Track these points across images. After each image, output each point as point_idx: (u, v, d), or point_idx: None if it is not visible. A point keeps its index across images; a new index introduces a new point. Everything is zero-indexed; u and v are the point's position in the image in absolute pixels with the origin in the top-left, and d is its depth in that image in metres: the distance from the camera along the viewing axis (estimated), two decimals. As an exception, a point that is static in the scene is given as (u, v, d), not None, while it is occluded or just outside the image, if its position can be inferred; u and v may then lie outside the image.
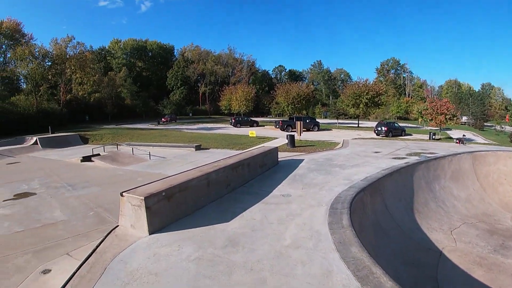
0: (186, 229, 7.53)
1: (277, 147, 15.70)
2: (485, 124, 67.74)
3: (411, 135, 37.92)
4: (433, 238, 11.08)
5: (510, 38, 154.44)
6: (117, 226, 7.74)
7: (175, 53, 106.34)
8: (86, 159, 19.40)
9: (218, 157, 14.37)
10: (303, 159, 16.39)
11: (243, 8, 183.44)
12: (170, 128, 44.00)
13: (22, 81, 55.81)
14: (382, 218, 10.47)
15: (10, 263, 6.36)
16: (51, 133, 32.65)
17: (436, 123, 35.88)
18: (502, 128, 60.20)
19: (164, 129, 43.42)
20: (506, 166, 18.34)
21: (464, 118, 74.33)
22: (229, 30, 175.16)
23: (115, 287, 5.18)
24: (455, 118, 35.87)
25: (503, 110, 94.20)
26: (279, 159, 15.70)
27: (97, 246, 6.66)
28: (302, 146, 23.34)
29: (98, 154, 20.59)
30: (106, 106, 62.59)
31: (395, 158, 16.92)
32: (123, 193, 7.60)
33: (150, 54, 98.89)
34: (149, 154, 20.36)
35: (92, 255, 6.27)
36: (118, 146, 24.78)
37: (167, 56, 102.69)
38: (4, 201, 11.09)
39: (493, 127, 64.62)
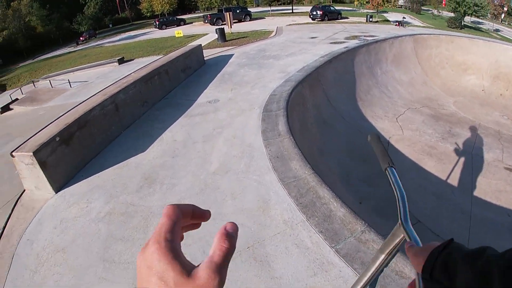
0: (96, 173, 5.95)
1: (200, 45, 13.38)
2: (422, 7, 67.42)
3: (347, 18, 36.76)
4: (379, 127, 10.39)
5: None
6: (24, 191, 5.90)
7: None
8: (5, 109, 16.42)
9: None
10: (233, 54, 14.38)
11: None
12: (90, 46, 39.00)
13: None
14: (325, 112, 9.33)
15: None
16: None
17: (373, 5, 35.44)
18: (439, 12, 60.61)
19: (84, 48, 38.20)
20: (448, 50, 17.85)
21: (401, 1, 73.67)
22: None
23: (24, 282, 3.92)
24: (392, 1, 35.16)
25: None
26: (207, 58, 13.57)
27: (4, 227, 5.14)
28: (234, 39, 21.39)
29: (17, 99, 17.64)
30: (18, 41, 52.69)
31: (333, 42, 15.53)
32: (13, 153, 5.64)
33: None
34: (69, 82, 17.65)
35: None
36: (35, 83, 21.07)
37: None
38: None
39: (430, 11, 64.97)
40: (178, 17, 51.66)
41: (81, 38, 51.05)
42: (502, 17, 75.74)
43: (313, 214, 4.06)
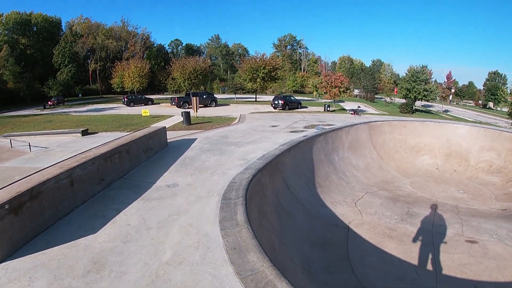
0: (42, 250, 5.53)
1: (165, 127, 13.76)
2: (375, 96, 73.27)
3: (307, 107, 39.41)
4: (339, 213, 10.63)
5: (397, 17, 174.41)
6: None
7: (63, 27, 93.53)
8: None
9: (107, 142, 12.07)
10: (196, 138, 14.77)
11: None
12: (57, 112, 38.69)
13: None
14: (285, 199, 9.49)
15: None
16: None
17: (330, 95, 38.27)
18: (392, 99, 65.99)
19: (50, 113, 37.91)
20: (400, 134, 19.25)
21: (356, 91, 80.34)
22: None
23: None
24: (348, 91, 38.06)
25: (392, 83, 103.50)
26: (171, 140, 13.83)
27: None
28: (199, 123, 22.01)
29: (-25, 155, 16.75)
30: (-13, 91, 52.24)
31: (293, 131, 16.37)
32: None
33: (35, 29, 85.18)
34: (29, 145, 17.04)
35: None
36: (-5, 141, 20.44)
37: (53, 30, 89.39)
38: None
39: (383, 99, 70.61)
40: (147, 96, 52.41)
41: (49, 103, 50.30)
42: (450, 98, 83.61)
43: (273, 309, 3.95)
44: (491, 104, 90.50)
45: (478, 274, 8.29)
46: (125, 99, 46.83)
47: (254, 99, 52.64)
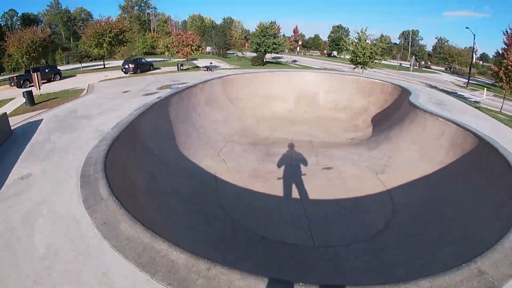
0: None
1: (5, 113, 11.85)
2: (228, 52, 75.01)
3: (160, 68, 38.42)
4: (204, 165, 11.08)
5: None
6: None
7: None
8: None
9: None
10: (42, 119, 13.29)
11: None
12: None
13: None
14: (148, 163, 9.41)
15: None
16: None
17: (183, 54, 38.03)
18: (243, 54, 68.65)
19: None
20: (253, 85, 20.88)
21: (209, 48, 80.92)
22: None
23: None
24: (200, 49, 38.08)
25: (243, 39, 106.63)
26: (14, 126, 12.15)
27: None
28: (44, 101, 19.49)
29: None
30: None
31: (146, 94, 15.97)
32: None
33: None
34: None
35: None
36: None
37: None
38: None
39: (235, 54, 72.82)
40: (-23, 82, 44.04)
41: None
42: (298, 50, 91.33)
43: (156, 270, 4.10)
44: (335, 53, 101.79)
45: (338, 193, 9.91)
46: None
47: (102, 66, 48.77)
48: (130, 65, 35.06)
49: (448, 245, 6.72)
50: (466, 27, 65.62)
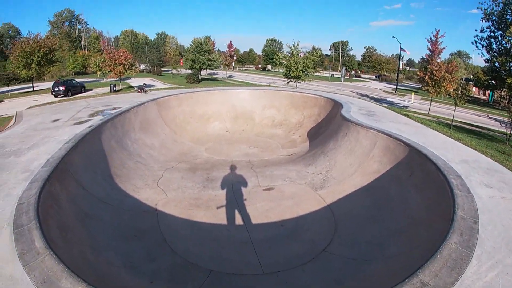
0: None
1: None
2: (162, 69, 74.03)
3: (91, 90, 37.40)
4: (143, 198, 10.70)
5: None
6: None
7: None
8: None
9: None
10: (-37, 158, 12.05)
11: None
12: None
13: None
14: (84, 202, 8.88)
15: None
16: None
17: (115, 74, 36.97)
18: (178, 71, 68.00)
19: None
20: (189, 106, 20.63)
21: (142, 66, 79.42)
22: None
23: None
24: (133, 67, 37.28)
25: (178, 55, 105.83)
26: None
27: None
28: None
29: None
30: None
31: (77, 123, 15.10)
32: None
33: None
34: None
35: None
36: None
37: None
38: None
39: (170, 71, 72.06)
40: None
41: None
42: (233, 65, 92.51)
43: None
44: (269, 67, 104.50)
45: (281, 214, 10.06)
46: None
47: (31, 89, 45.59)
48: (60, 88, 34.05)
49: (392, 246, 7.33)
50: (393, 36, 70.70)
